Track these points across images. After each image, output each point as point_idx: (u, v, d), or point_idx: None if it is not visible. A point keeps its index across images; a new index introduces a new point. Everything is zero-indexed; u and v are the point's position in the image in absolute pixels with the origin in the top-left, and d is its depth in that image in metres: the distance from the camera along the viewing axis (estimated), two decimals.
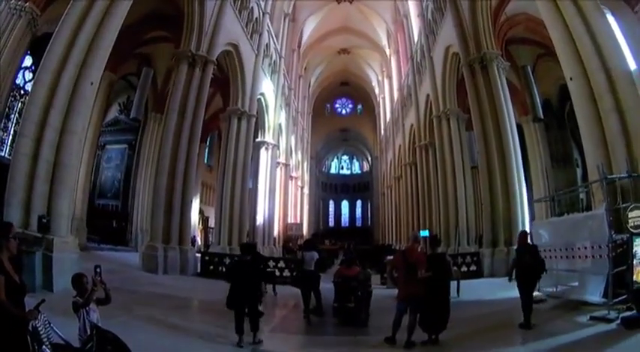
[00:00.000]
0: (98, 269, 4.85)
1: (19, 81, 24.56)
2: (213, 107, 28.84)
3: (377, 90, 55.39)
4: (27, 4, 19.11)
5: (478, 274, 17.14)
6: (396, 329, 7.58)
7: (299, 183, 50.50)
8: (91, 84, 12.31)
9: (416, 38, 33.46)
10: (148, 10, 21.83)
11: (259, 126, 31.67)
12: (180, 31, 20.17)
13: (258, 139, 32.07)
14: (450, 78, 25.17)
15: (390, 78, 48.05)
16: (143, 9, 20.78)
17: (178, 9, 20.51)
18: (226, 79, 25.96)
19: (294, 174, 46.74)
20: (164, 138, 18.58)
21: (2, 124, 23.63)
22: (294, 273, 15.50)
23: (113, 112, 32.82)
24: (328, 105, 67.95)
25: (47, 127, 11.18)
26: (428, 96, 28.89)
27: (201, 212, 35.19)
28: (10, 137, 24.38)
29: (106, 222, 29.32)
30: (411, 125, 35.26)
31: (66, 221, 11.72)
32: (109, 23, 12.70)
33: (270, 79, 33.14)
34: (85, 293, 4.68)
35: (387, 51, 46.69)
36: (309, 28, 46.55)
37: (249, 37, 26.58)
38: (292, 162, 45.30)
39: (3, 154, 23.54)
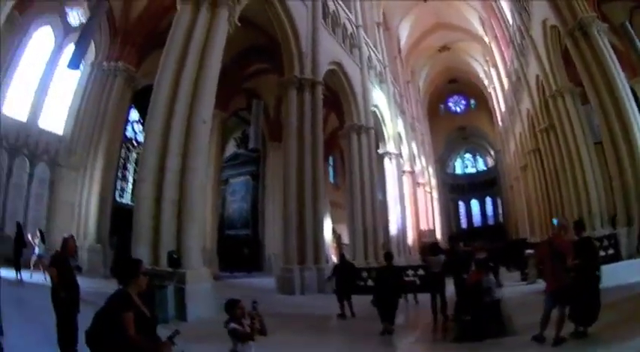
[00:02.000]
0: (255, 305, 5.04)
1: (129, 134, 27.27)
2: (329, 126, 29.85)
3: (486, 82, 52.91)
4: (119, 63, 21.09)
5: (616, 257, 15.49)
6: (545, 325, 7.06)
7: (427, 189, 49.42)
8: (204, 122, 12.75)
9: (510, 19, 32.07)
10: (243, 46, 23.11)
11: (379, 137, 31.85)
12: (278, 60, 21.07)
13: (380, 151, 32.36)
14: (554, 53, 23.82)
15: (495, 66, 45.76)
16: (239, 46, 22.05)
17: (272, 39, 21.40)
18: (336, 97, 26.57)
19: (420, 181, 46.06)
20: (286, 163, 19.01)
21: (121, 174, 26.23)
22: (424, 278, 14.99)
23: (230, 148, 35.09)
24: (442, 106, 66.69)
25: (166, 170, 11.62)
26: (537, 76, 27.46)
27: (333, 230, 35.62)
28: (130, 185, 27.03)
29: (238, 250, 30.84)
30: (527, 110, 33.46)
31: (196, 254, 12.00)
32: (209, 65, 13.08)
33: (380, 89, 33.27)
34: (238, 318, 4.84)
35: (486, 39, 44.48)
36: (404, 33, 46.24)
37: (349, 52, 27.08)
38: (417, 169, 44.75)
39: (125, 201, 26.10)
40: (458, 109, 66.23)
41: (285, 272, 17.60)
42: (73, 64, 18.21)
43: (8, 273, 12.83)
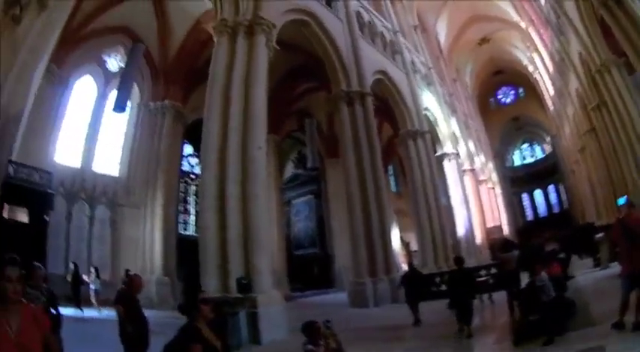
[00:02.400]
0: (329, 323, 5.39)
1: (186, 168, 28.14)
2: (384, 135, 30.19)
3: (531, 68, 51.15)
4: (165, 102, 21.91)
5: None
6: (624, 310, 6.51)
7: (489, 185, 48.49)
8: (259, 148, 13.00)
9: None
10: (285, 69, 23.65)
11: (435, 140, 31.72)
12: (323, 77, 21.65)
13: (438, 153, 32.20)
14: (592, 26, 23.10)
15: (537, 51, 44.45)
16: (281, 69, 22.63)
17: (313, 58, 21.80)
18: (387, 105, 26.80)
19: (481, 178, 45.14)
20: (347, 177, 19.28)
21: (182, 207, 27.03)
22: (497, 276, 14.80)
23: (288, 170, 35.67)
24: (492, 100, 65.33)
25: (227, 198, 11.86)
26: (580, 54, 26.69)
27: (401, 239, 35.35)
28: (192, 217, 27.79)
29: (307, 269, 31.29)
30: (576, 90, 32.39)
31: (266, 277, 12.08)
32: (255, 92, 13.49)
33: (429, 91, 33.21)
34: (316, 339, 5.08)
35: (523, 25, 43.38)
36: (442, 32, 46.04)
37: (391, 59, 27.35)
38: (477, 166, 43.91)
39: (189, 233, 26.88)
40: (508, 100, 64.66)
41: (356, 285, 17.72)
42: (118, 107, 19.36)
43: (71, 311, 13.70)
